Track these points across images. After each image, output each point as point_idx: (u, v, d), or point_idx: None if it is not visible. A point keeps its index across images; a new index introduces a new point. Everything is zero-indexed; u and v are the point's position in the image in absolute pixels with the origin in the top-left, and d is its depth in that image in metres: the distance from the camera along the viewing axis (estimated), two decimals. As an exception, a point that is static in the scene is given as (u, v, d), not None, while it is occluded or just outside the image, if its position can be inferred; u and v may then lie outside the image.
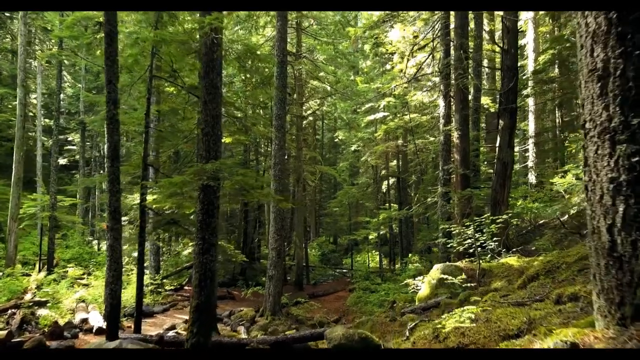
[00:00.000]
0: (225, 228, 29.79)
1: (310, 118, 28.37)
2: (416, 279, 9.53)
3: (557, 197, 19.67)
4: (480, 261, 7.59)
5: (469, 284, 7.82)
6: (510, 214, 8.59)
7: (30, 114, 29.79)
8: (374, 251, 27.80)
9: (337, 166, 30.91)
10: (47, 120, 30.16)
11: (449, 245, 9.55)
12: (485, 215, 8.00)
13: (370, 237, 24.32)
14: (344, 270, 26.54)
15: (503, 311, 3.56)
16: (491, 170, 19.73)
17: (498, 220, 8.05)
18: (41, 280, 16.30)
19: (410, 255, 24.95)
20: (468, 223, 8.10)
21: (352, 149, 26.68)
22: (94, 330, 10.60)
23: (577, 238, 9.55)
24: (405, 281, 9.86)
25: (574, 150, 18.54)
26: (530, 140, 21.91)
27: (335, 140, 35.23)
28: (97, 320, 11.03)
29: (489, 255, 9.10)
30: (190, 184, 6.32)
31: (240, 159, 26.94)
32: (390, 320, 7.12)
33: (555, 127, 22.61)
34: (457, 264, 8.37)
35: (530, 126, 21.54)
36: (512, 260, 8.23)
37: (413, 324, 4.57)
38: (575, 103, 23.65)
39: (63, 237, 26.24)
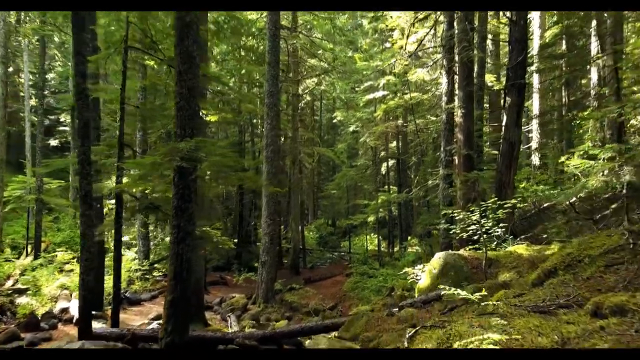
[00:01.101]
0: (221, 211, 29.23)
1: (308, 98, 27.48)
2: (416, 267, 8.89)
3: (563, 179, 18.99)
4: (487, 250, 6.92)
5: (474, 276, 7.18)
6: (519, 199, 7.89)
7: (21, 93, 28.89)
8: (372, 234, 27.22)
9: (335, 147, 30.07)
10: (37, 100, 29.25)
11: (451, 232, 8.87)
12: (492, 200, 7.29)
13: (369, 219, 23.72)
14: (342, 253, 26.03)
15: (524, 322, 2.90)
16: (495, 152, 18.98)
17: (506, 205, 7.35)
18: (27, 266, 15.72)
19: (409, 238, 24.39)
20: (473, 208, 7.40)
21: (351, 129, 25.85)
22: (74, 321, 10.00)
23: (590, 224, 8.88)
24: (404, 270, 9.22)
25: (581, 130, 17.79)
26: (534, 121, 21.06)
27: (334, 121, 34.28)
28: (77, 309, 10.42)
29: (495, 243, 8.44)
30: (161, 165, 5.61)
31: (235, 140, 26.18)
32: (388, 315, 6.48)
33: (562, 107, 21.76)
34: (461, 252, 7.71)
35: (535, 105, 20.69)
36: (521, 248, 7.56)
37: (412, 332, 3.90)
38: (583, 81, 22.81)
39: (55, 220, 25.61)
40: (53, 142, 31.02)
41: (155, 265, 16.95)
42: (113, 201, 13.95)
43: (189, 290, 5.92)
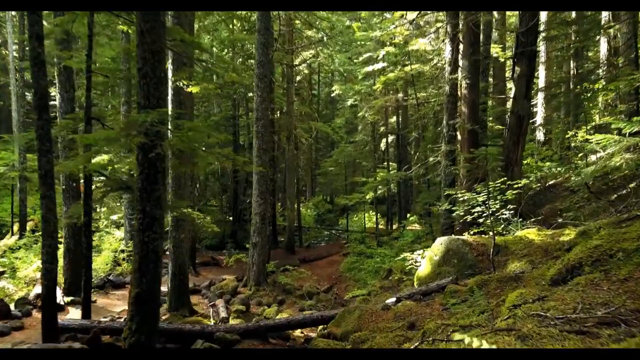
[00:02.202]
0: (217, 187, 28.50)
1: (306, 71, 26.39)
2: (415, 252, 8.20)
3: (569, 155, 18.17)
4: (495, 235, 6.19)
5: (479, 264, 6.47)
6: (530, 178, 7.12)
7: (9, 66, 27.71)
8: (370, 211, 26.55)
9: (332, 122, 29.06)
10: (27, 74, 28.09)
11: (453, 213, 8.14)
12: (501, 179, 6.53)
13: (368, 196, 23.00)
14: (340, 231, 25.43)
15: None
16: (499, 126, 18.12)
17: (516, 186, 6.59)
18: (11, 246, 15.09)
19: (408, 215, 23.75)
20: (479, 189, 6.65)
21: (349, 103, 24.83)
22: (50, 307, 9.38)
23: (605, 205, 8.13)
24: (403, 255, 8.52)
25: (591, 104, 16.86)
26: (540, 94, 20.08)
27: (332, 95, 33.18)
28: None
29: (502, 227, 7.72)
30: (116, 141, 4.81)
31: (229, 114, 25.23)
32: (383, 308, 5.79)
33: (570, 79, 20.74)
34: (465, 237, 6.98)
35: (541, 77, 19.69)
36: (531, 233, 6.83)
37: (413, 346, 3.18)
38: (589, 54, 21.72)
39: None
40: (42, 117, 29.99)
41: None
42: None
43: (157, 283, 5.21)
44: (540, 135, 21.21)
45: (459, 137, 11.35)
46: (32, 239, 15.78)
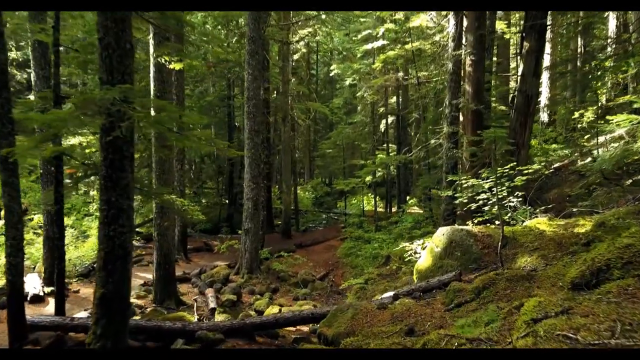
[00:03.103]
0: (213, 170, 27.87)
1: (304, 50, 25.49)
2: (415, 242, 7.64)
3: (575, 137, 17.51)
4: (504, 226, 5.60)
5: (485, 257, 5.91)
6: (542, 163, 6.52)
7: None
8: (369, 194, 25.97)
9: (330, 102, 28.24)
10: (16, 52, 27.13)
11: (456, 200, 7.56)
12: (510, 164, 5.92)
13: (367, 179, 22.39)
14: (338, 214, 24.93)
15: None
16: (503, 107, 17.41)
17: (526, 171, 5.98)
18: (-3, 231, 14.56)
19: (408, 198, 23.20)
20: (486, 174, 6.04)
21: (347, 82, 24.00)
22: (28, 298, 8.88)
23: (621, 191, 7.54)
24: (402, 245, 7.97)
25: (601, 83, 16.13)
26: (545, 73, 19.28)
27: (331, 75, 32.29)
28: (34, 285, 9.27)
29: (508, 215, 7.14)
30: (72, 121, 4.17)
31: (224, 94, 24.43)
32: (379, 307, 5.25)
33: (577, 57, 19.92)
34: (469, 228, 6.41)
35: (545, 56, 18.86)
36: (542, 223, 6.26)
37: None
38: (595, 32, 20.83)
39: (37, 180, 24.30)
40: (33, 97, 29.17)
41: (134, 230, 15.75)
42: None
43: (125, 282, 4.65)
44: (544, 116, 20.52)
45: (462, 118, 10.71)
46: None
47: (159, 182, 8.79)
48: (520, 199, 6.80)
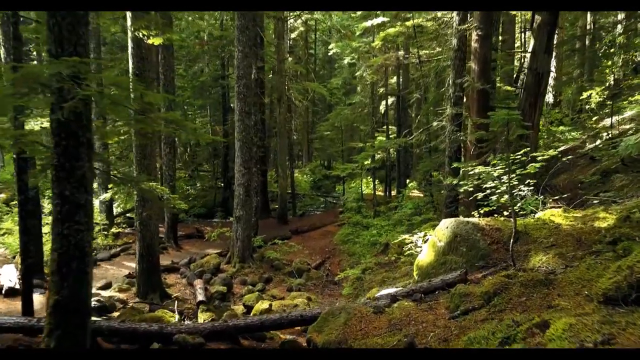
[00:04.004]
0: (208, 152, 27.14)
1: (302, 28, 24.53)
2: (415, 235, 7.03)
3: (583, 118, 16.79)
4: (516, 219, 4.99)
5: (494, 254, 5.32)
6: (559, 148, 5.87)
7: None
8: (368, 177, 25.33)
9: (328, 83, 27.33)
10: None
11: (462, 189, 6.93)
12: (524, 150, 5.27)
13: (366, 163, 21.73)
14: (336, 198, 24.34)
15: None
16: (508, 87, 16.64)
17: (540, 157, 5.33)
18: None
19: (408, 181, 22.58)
20: (495, 161, 5.41)
21: (346, 61, 23.10)
22: (3, 292, 8.36)
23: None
24: (401, 238, 7.38)
25: (612, 62, 15.34)
26: (551, 52, 18.31)
27: (330, 54, 31.28)
28: (10, 277, 8.73)
29: (518, 205, 6.51)
30: (13, 99, 3.48)
31: (218, 74, 23.57)
32: (375, 312, 4.68)
33: (585, 35, 19.05)
34: (475, 220, 5.80)
35: (555, 33, 17.95)
36: (557, 215, 5.64)
37: None
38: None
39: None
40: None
41: (120, 216, 15.21)
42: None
43: (83, 287, 4.06)
44: (549, 96, 19.74)
45: (467, 98, 10.01)
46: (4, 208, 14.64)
47: (140, 167, 8.17)
48: (532, 188, 6.18)
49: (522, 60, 19.53)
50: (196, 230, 15.71)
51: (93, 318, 6.96)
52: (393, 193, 21.63)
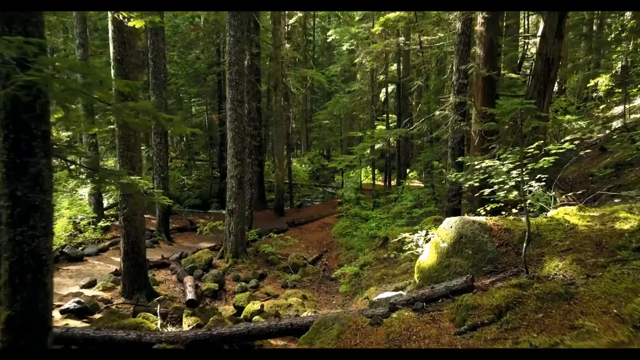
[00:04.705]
0: (204, 141, 26.55)
1: (300, 14, 23.80)
2: (416, 234, 6.55)
3: (590, 107, 16.22)
4: (529, 221, 4.50)
5: (502, 258, 4.85)
6: (576, 141, 5.37)
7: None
8: (368, 167, 24.82)
9: (327, 70, 26.65)
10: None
11: (466, 184, 6.43)
12: (537, 143, 4.76)
13: (365, 153, 21.16)
14: (335, 188, 23.85)
15: None
16: (513, 75, 16.05)
17: (553, 151, 4.83)
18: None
19: (408, 171, 22.09)
20: (505, 155, 4.90)
21: (345, 47, 22.44)
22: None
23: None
24: (401, 236, 6.90)
25: (620, 48, 14.76)
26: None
27: (329, 41, 30.53)
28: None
29: (527, 201, 6.02)
30: None
31: (213, 61, 22.92)
32: (372, 324, 4.22)
33: (592, 19, 18.39)
34: (482, 219, 5.31)
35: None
36: (571, 214, 5.15)
37: None
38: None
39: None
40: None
41: (111, 210, 14.72)
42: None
43: (41, 300, 3.59)
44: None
45: (470, 86, 9.47)
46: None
47: (123, 160, 7.66)
48: (544, 184, 5.69)
49: (525, 47, 18.92)
50: (190, 222, 15.26)
51: (71, 323, 6.55)
52: (393, 183, 21.15)
